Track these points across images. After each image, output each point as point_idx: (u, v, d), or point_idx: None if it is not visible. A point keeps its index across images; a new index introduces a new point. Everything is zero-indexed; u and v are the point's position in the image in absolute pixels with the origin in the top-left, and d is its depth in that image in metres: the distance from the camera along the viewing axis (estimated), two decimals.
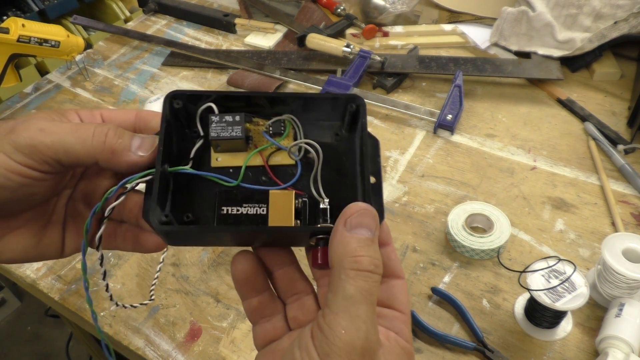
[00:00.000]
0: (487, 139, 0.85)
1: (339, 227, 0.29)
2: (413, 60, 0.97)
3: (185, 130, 0.35)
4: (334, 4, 1.12)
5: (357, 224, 0.29)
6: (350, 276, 0.28)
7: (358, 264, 0.28)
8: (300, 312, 0.34)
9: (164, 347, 0.62)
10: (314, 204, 0.33)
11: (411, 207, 0.75)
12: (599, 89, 0.93)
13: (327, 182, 0.34)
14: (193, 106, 0.34)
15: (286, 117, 0.35)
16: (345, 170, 0.35)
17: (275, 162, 0.35)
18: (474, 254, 0.68)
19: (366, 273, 0.28)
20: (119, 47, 1.12)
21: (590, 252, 0.68)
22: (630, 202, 0.74)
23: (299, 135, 0.35)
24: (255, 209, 0.33)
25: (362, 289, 0.28)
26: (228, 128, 0.33)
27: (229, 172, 0.34)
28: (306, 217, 0.33)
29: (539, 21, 0.94)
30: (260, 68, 0.98)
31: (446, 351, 0.60)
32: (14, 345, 1.70)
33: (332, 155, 0.35)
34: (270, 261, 0.35)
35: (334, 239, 0.29)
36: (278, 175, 0.34)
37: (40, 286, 0.69)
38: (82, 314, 0.66)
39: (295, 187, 0.34)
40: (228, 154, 0.35)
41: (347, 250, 0.28)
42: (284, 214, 0.32)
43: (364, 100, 0.35)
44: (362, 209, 0.30)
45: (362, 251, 0.28)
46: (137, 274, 0.69)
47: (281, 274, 0.35)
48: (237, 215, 0.33)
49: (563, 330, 0.60)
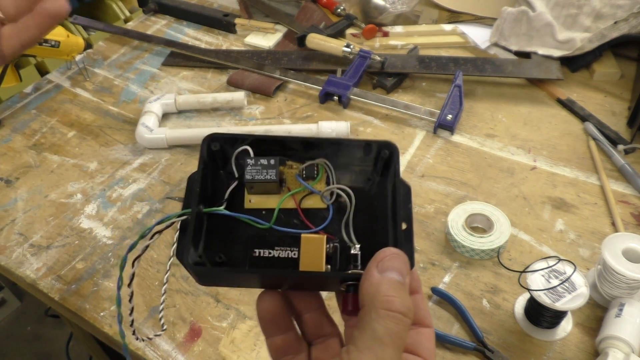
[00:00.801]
0: (487, 139, 0.85)
1: (371, 269, 0.29)
2: (413, 60, 0.97)
3: (219, 171, 0.36)
4: (334, 4, 1.12)
5: (389, 267, 0.29)
6: (381, 316, 0.27)
7: (390, 304, 0.28)
8: (325, 354, 0.34)
9: (164, 347, 0.62)
10: (345, 249, 0.34)
11: None
12: (599, 89, 0.93)
13: (358, 227, 0.34)
14: (230, 148, 0.35)
15: (319, 162, 0.35)
16: (377, 215, 0.35)
17: (307, 205, 0.35)
18: (474, 254, 0.68)
19: (398, 315, 0.27)
20: (119, 47, 1.12)
21: (590, 252, 0.68)
22: (630, 202, 0.74)
23: (331, 180, 0.35)
24: (287, 252, 0.33)
25: (392, 332, 0.27)
26: (263, 171, 0.34)
27: (261, 214, 0.35)
28: (337, 262, 0.33)
29: (539, 21, 0.94)
30: (260, 68, 0.98)
31: (446, 351, 0.60)
32: (14, 345, 1.70)
33: (363, 199, 0.35)
34: (299, 304, 0.35)
35: (365, 280, 0.29)
36: (310, 219, 0.35)
37: (40, 286, 0.69)
38: (82, 314, 0.66)
39: (327, 231, 0.34)
40: (261, 196, 0.35)
41: (379, 290, 0.28)
42: (315, 258, 0.32)
43: (397, 147, 0.35)
44: (393, 253, 0.30)
45: (394, 292, 0.28)
46: (137, 274, 0.69)
47: (308, 317, 0.35)
48: (269, 258, 0.33)
49: (563, 331, 0.60)
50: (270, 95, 0.96)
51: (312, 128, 0.85)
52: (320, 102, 0.93)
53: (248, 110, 0.94)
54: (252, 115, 0.93)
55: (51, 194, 0.81)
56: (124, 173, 0.83)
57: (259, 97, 0.96)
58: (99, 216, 0.77)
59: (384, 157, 0.35)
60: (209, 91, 0.99)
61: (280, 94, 0.97)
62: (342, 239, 0.34)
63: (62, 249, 0.73)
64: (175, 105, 0.92)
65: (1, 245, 0.74)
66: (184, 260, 0.31)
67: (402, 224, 0.33)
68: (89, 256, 0.72)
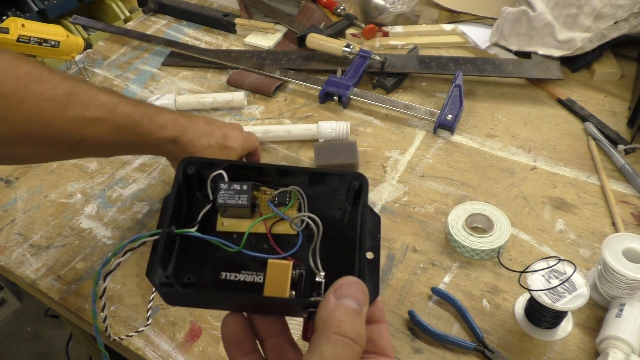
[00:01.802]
0: (487, 139, 0.85)
1: (329, 295, 0.29)
2: (413, 60, 0.97)
3: (196, 192, 0.37)
4: (334, 4, 1.12)
5: (346, 294, 0.29)
6: (331, 339, 0.27)
7: (341, 328, 0.27)
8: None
9: (164, 348, 0.62)
10: (311, 276, 0.34)
11: (411, 207, 0.75)
12: (599, 89, 0.93)
13: (327, 255, 0.35)
14: (206, 171, 0.36)
15: (292, 189, 0.36)
16: (346, 244, 0.36)
17: (278, 231, 0.36)
18: (474, 254, 0.68)
19: (347, 340, 0.27)
20: (118, 47, 1.12)
21: (591, 252, 0.68)
22: (631, 202, 0.74)
23: (303, 207, 0.36)
24: (252, 276, 0.34)
25: (339, 356, 0.27)
26: (235, 196, 0.35)
27: (232, 237, 0.36)
28: (301, 289, 0.34)
29: (539, 21, 0.94)
30: (260, 68, 0.98)
31: (446, 351, 0.60)
32: (14, 345, 1.70)
33: (334, 228, 0.36)
34: (263, 329, 0.35)
35: (321, 305, 0.29)
36: (280, 245, 0.35)
37: (40, 286, 0.69)
38: (82, 314, 0.66)
39: (295, 258, 0.35)
40: (234, 220, 0.36)
41: (332, 315, 0.28)
42: (280, 284, 0.32)
43: (366, 179, 0.36)
44: (352, 281, 0.30)
45: (347, 318, 0.28)
46: (137, 274, 0.69)
47: (272, 343, 0.35)
48: (235, 281, 0.34)
49: (563, 331, 0.60)
50: (270, 95, 0.96)
51: (312, 128, 0.85)
52: (320, 102, 0.93)
53: (248, 110, 0.94)
54: (252, 115, 0.93)
55: (51, 194, 0.81)
56: (123, 173, 0.83)
57: (259, 97, 0.96)
58: (99, 216, 0.77)
59: (354, 188, 0.36)
60: (209, 91, 0.99)
61: (280, 94, 0.97)
62: (309, 265, 0.34)
63: (62, 249, 0.73)
64: (175, 105, 0.92)
65: (1, 245, 0.74)
66: (151, 280, 0.31)
67: (368, 254, 0.34)
68: (88, 256, 0.72)
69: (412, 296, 0.65)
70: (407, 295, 0.65)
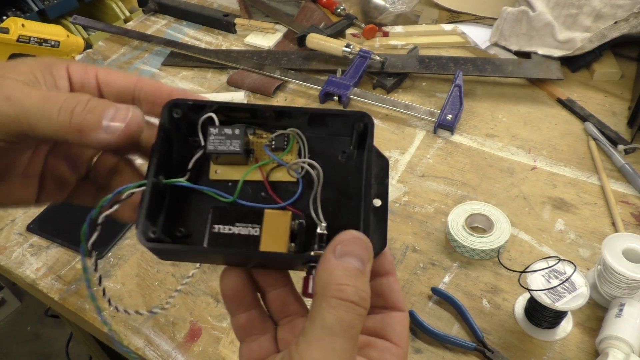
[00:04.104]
0: (487, 139, 0.85)
1: (327, 253, 0.27)
2: (413, 60, 0.97)
3: (188, 138, 0.33)
4: (334, 4, 1.12)
5: (347, 252, 0.27)
6: (332, 305, 0.26)
7: (342, 292, 0.26)
8: (291, 334, 0.32)
9: (164, 347, 0.62)
10: (312, 226, 0.31)
11: (411, 207, 0.75)
12: (599, 89, 0.93)
13: (329, 204, 0.32)
14: (195, 115, 0.33)
15: (290, 132, 0.32)
16: (350, 191, 0.33)
17: (276, 178, 0.33)
18: (474, 254, 0.68)
19: (349, 304, 0.26)
20: (118, 47, 1.12)
21: (591, 252, 0.68)
22: (631, 202, 0.74)
23: (303, 152, 0.33)
24: (248, 229, 0.31)
25: (342, 321, 0.25)
26: (227, 141, 0.31)
27: (227, 185, 0.33)
28: (302, 241, 0.31)
29: (539, 21, 0.94)
30: (260, 68, 0.98)
31: (446, 351, 0.60)
32: (14, 345, 1.70)
33: (338, 174, 0.33)
34: (264, 281, 0.33)
35: (320, 265, 0.27)
36: (278, 193, 0.32)
37: (40, 286, 0.69)
38: (82, 314, 0.66)
39: (295, 207, 0.32)
40: (228, 167, 0.33)
41: (332, 277, 0.26)
42: (278, 237, 0.30)
43: (372, 119, 0.32)
44: (354, 237, 0.28)
45: (348, 280, 0.26)
46: (137, 274, 0.69)
47: (274, 295, 0.33)
48: (229, 235, 0.31)
49: (563, 331, 0.60)
50: (270, 95, 0.96)
51: None
52: (320, 102, 0.93)
53: None
54: None
55: None
56: None
57: (259, 97, 0.96)
58: None
59: (359, 130, 0.33)
60: (209, 91, 0.98)
61: (280, 94, 0.97)
62: (310, 215, 0.31)
63: (62, 249, 0.73)
64: None
65: (1, 245, 0.74)
66: (137, 236, 0.29)
67: (375, 201, 0.31)
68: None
69: (412, 296, 0.65)
70: (407, 295, 0.65)
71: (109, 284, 0.68)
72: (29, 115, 0.27)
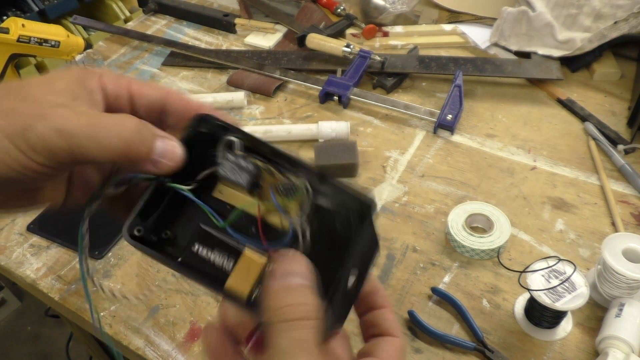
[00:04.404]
0: (487, 139, 0.85)
1: (268, 280, 0.28)
2: (413, 60, 0.97)
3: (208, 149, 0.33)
4: (334, 4, 1.12)
5: (286, 272, 0.28)
6: (282, 329, 0.26)
7: (286, 314, 0.26)
8: None
9: (164, 347, 0.62)
10: None
11: (411, 207, 0.75)
12: (599, 89, 0.93)
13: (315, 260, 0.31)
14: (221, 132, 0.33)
15: (300, 183, 0.32)
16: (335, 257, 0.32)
17: (272, 220, 0.33)
18: (474, 254, 0.68)
19: (296, 322, 0.26)
20: (119, 47, 1.12)
21: (590, 252, 0.68)
22: (630, 202, 0.74)
23: (306, 207, 0.32)
24: (223, 260, 0.31)
25: (295, 340, 0.26)
26: (238, 172, 0.32)
27: (225, 208, 0.33)
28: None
29: (539, 21, 0.94)
30: (260, 68, 0.98)
31: (446, 351, 0.60)
32: (14, 345, 1.70)
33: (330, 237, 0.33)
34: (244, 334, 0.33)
35: (265, 294, 0.28)
36: (270, 234, 0.32)
37: (40, 286, 0.69)
38: (82, 314, 0.66)
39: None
40: (233, 191, 0.33)
41: (275, 302, 0.27)
42: (245, 279, 0.30)
43: (376, 206, 0.32)
44: (289, 256, 0.28)
45: (290, 300, 0.27)
46: (137, 274, 0.69)
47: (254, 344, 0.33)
48: (204, 259, 0.31)
49: (563, 330, 0.60)
50: (270, 95, 0.96)
51: (312, 128, 0.85)
52: (320, 102, 0.93)
53: (248, 110, 0.94)
54: (252, 115, 0.93)
55: None
56: None
57: (259, 97, 0.96)
58: None
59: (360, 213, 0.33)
60: (209, 91, 0.99)
61: (280, 94, 0.97)
62: None
63: (62, 249, 0.73)
64: None
65: (1, 245, 0.74)
66: (123, 230, 0.30)
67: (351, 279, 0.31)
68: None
69: (412, 296, 0.65)
70: (407, 295, 0.65)
71: (110, 284, 0.68)
72: (80, 145, 0.28)
